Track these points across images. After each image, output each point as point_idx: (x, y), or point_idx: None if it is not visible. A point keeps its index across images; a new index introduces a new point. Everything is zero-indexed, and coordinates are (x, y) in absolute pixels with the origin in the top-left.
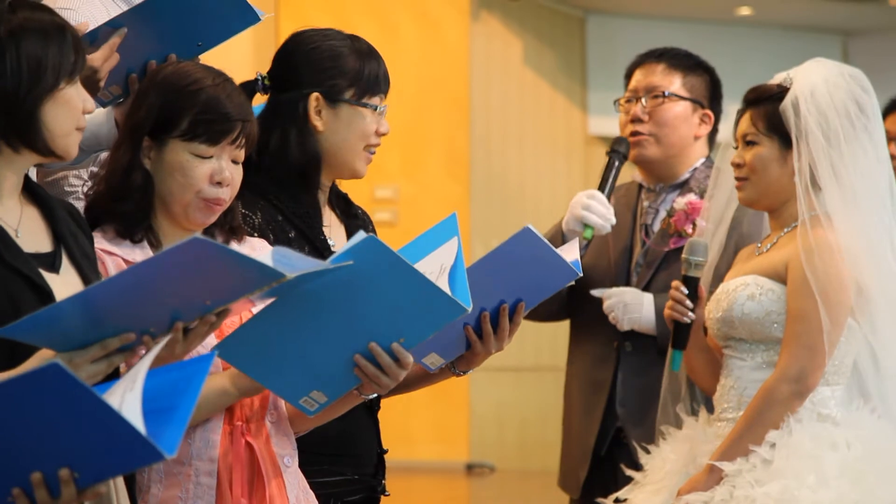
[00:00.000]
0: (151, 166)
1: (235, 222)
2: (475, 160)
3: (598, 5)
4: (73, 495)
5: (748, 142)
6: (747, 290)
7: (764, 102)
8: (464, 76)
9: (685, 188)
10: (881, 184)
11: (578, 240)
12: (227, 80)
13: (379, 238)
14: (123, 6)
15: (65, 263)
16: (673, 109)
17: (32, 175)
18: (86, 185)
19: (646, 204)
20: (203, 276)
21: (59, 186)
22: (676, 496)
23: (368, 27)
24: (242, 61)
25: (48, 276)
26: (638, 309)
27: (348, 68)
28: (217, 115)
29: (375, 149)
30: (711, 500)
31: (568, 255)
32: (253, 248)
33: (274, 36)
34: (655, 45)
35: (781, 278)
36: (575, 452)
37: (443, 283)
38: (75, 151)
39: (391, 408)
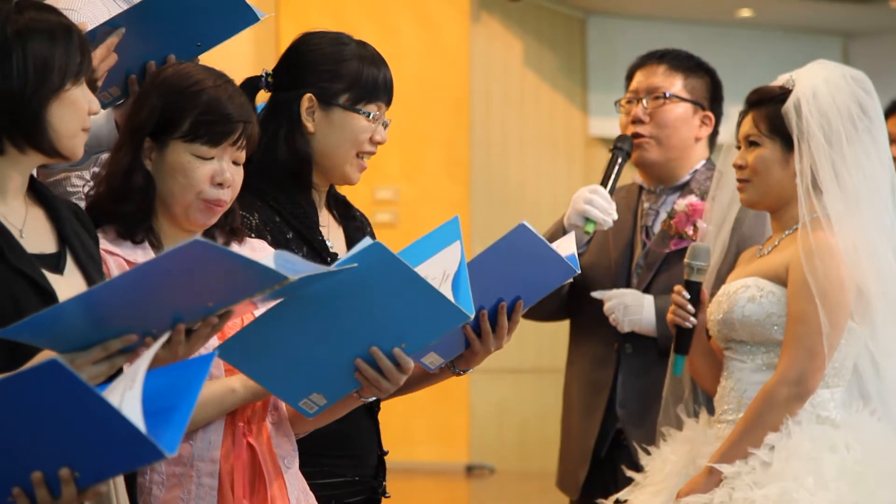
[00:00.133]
0: (152, 167)
1: (236, 223)
2: (475, 161)
3: (599, 7)
4: (74, 495)
5: (751, 143)
6: (748, 293)
7: (766, 104)
8: (464, 77)
9: (686, 190)
10: (883, 186)
11: (580, 234)
12: (229, 82)
13: (384, 245)
14: (124, 6)
15: (69, 265)
16: (674, 111)
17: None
18: (87, 186)
19: (646, 205)
20: (205, 278)
21: (62, 187)
22: (676, 498)
23: (369, 28)
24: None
25: (52, 278)
26: (638, 311)
27: (346, 72)
28: (218, 117)
29: (368, 157)
30: (710, 503)
31: (564, 250)
32: (253, 250)
33: (274, 37)
34: (656, 47)
35: (782, 280)
36: (574, 453)
37: (446, 289)
38: (81, 152)
39: (391, 409)
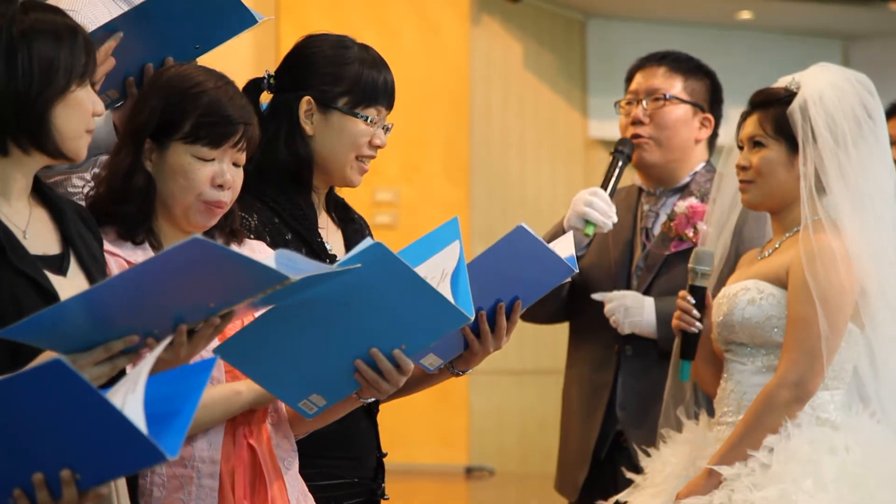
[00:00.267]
0: (153, 168)
1: (235, 225)
2: (475, 163)
3: (599, 9)
4: (75, 497)
5: (755, 143)
6: (748, 295)
7: (772, 105)
8: (464, 79)
9: (686, 192)
10: (888, 188)
11: (580, 237)
12: (230, 83)
13: (385, 245)
14: (125, 7)
15: (72, 266)
16: (674, 112)
17: None
18: (87, 187)
19: (646, 207)
20: (205, 278)
21: (62, 188)
22: (675, 499)
23: (369, 31)
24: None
25: (55, 279)
26: (639, 312)
27: (346, 76)
28: (219, 118)
29: (369, 160)
30: None
31: (562, 251)
32: (252, 251)
33: (274, 39)
34: (656, 49)
35: (782, 283)
36: (573, 456)
37: (444, 289)
38: (84, 154)
39: (390, 411)
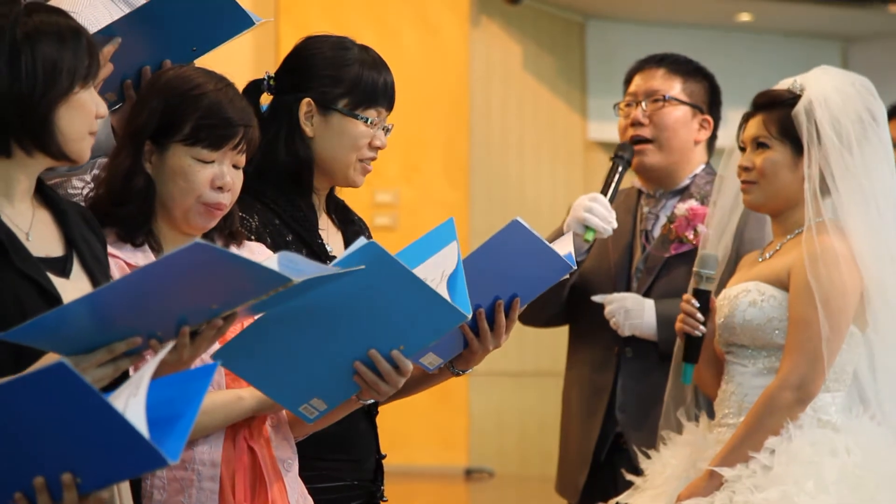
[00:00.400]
0: (153, 170)
1: (234, 227)
2: (475, 165)
3: (598, 11)
4: (75, 500)
5: (759, 144)
6: (749, 297)
7: (777, 107)
8: (463, 81)
9: (686, 194)
10: (892, 189)
11: (580, 242)
12: (230, 85)
13: (379, 244)
14: (126, 8)
15: (76, 268)
16: (673, 113)
17: None
18: (87, 188)
19: (646, 210)
20: (208, 281)
21: (62, 189)
22: (676, 501)
23: (368, 32)
24: (243, 65)
25: (58, 281)
26: (639, 314)
27: (346, 77)
28: (219, 121)
29: (370, 161)
30: None
31: (561, 249)
32: (252, 252)
33: (274, 41)
34: (655, 51)
35: (784, 285)
36: (574, 458)
37: (443, 291)
38: (87, 155)
39: (390, 412)
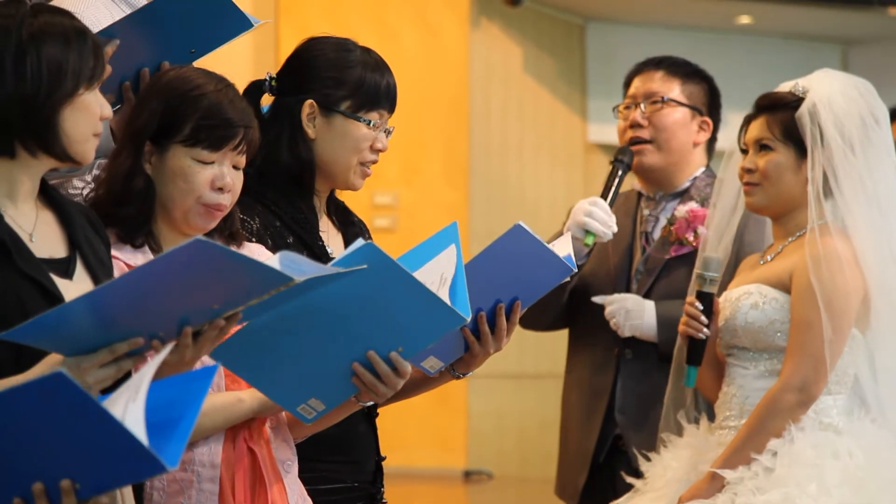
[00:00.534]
0: (152, 171)
1: (234, 227)
2: (475, 167)
3: (598, 13)
4: None
5: (762, 146)
6: (750, 299)
7: (780, 109)
8: (463, 83)
9: (686, 196)
10: (895, 191)
11: (580, 247)
12: (230, 86)
13: (377, 245)
14: (126, 9)
15: (79, 270)
16: (672, 115)
17: None
18: (87, 188)
19: (646, 212)
20: (209, 280)
21: (63, 189)
22: (677, 503)
23: (368, 33)
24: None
25: (61, 283)
26: (639, 315)
27: (349, 79)
28: (219, 121)
29: (371, 164)
30: None
31: (560, 251)
32: (252, 254)
33: (274, 42)
34: (655, 53)
35: (786, 287)
36: (573, 460)
37: (444, 294)
38: (92, 157)
39: (389, 414)
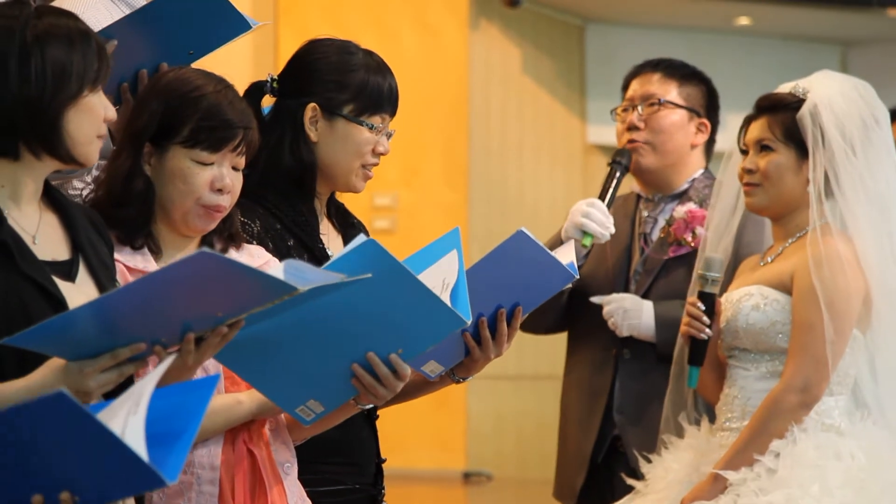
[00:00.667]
0: (152, 172)
1: (234, 229)
2: (474, 168)
3: (598, 14)
4: None
5: (763, 147)
6: (752, 301)
7: (781, 110)
8: (463, 84)
9: (684, 198)
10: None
11: (578, 248)
12: (229, 87)
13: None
14: (126, 10)
15: (82, 272)
16: (669, 117)
17: None
18: (87, 189)
19: (644, 214)
20: (214, 289)
21: (63, 190)
22: None
23: (368, 35)
24: (242, 67)
25: (63, 285)
26: (637, 315)
27: (352, 83)
28: (219, 122)
29: (372, 167)
30: None
31: (563, 258)
32: (252, 256)
33: (273, 43)
34: (654, 55)
35: (787, 288)
36: (571, 461)
37: (444, 297)
38: (95, 159)
39: (389, 416)
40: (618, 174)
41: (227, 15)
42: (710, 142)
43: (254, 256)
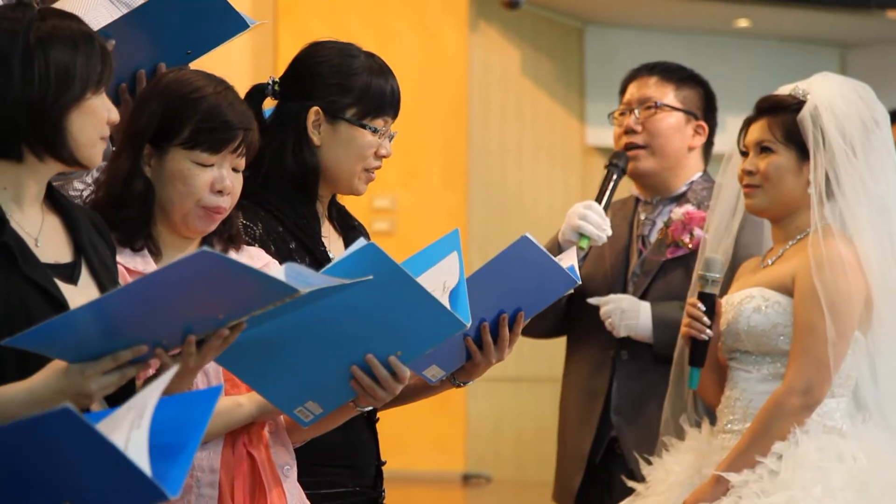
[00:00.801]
0: (152, 174)
1: (234, 230)
2: (473, 170)
3: (597, 16)
4: None
5: (763, 148)
6: (753, 303)
7: (781, 112)
8: (462, 86)
9: (682, 200)
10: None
11: (576, 249)
12: (229, 88)
13: (378, 245)
14: (125, 10)
15: (84, 275)
16: (666, 120)
17: None
18: (88, 190)
19: (643, 216)
20: (215, 290)
21: (64, 191)
22: None
23: (367, 36)
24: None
25: (65, 288)
26: (634, 316)
27: (354, 86)
28: (219, 124)
29: (375, 170)
30: None
31: (564, 263)
32: (251, 258)
33: (272, 45)
34: (653, 57)
35: (788, 291)
36: (569, 462)
37: (444, 300)
38: (98, 161)
39: (388, 418)
40: (615, 177)
41: (225, 14)
42: (708, 144)
43: (253, 258)
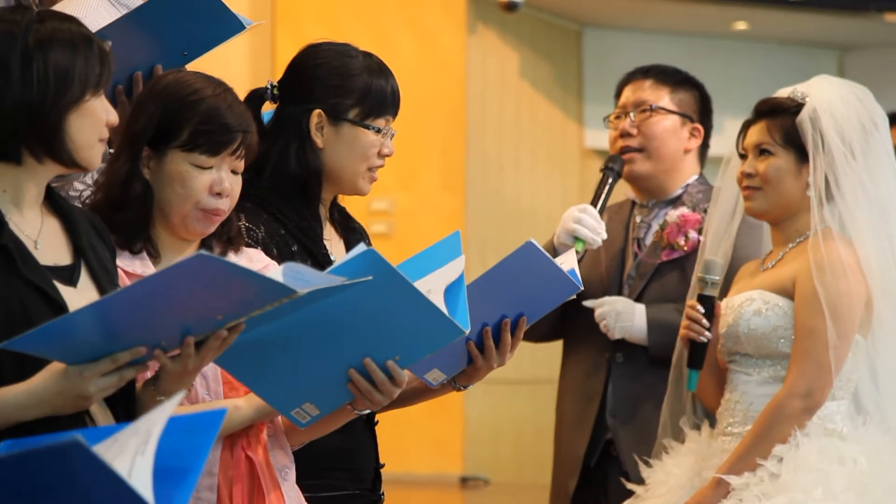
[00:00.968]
0: (150, 176)
1: (233, 232)
2: (471, 172)
3: (595, 19)
4: None
5: (762, 151)
6: (753, 306)
7: (780, 114)
8: (460, 89)
9: (678, 203)
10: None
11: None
12: (228, 90)
13: (377, 252)
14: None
15: (83, 277)
16: (661, 123)
17: None
18: (88, 190)
19: (638, 219)
20: (213, 292)
21: (64, 192)
22: None
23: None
24: (239, 72)
25: (65, 290)
26: (629, 318)
27: (355, 87)
28: (217, 126)
29: (378, 169)
30: None
31: (567, 266)
32: (251, 260)
33: (270, 46)
34: (652, 59)
35: (789, 293)
36: (565, 465)
37: (438, 302)
38: (98, 163)
39: (386, 421)
40: (610, 180)
41: (221, 15)
42: (704, 147)
43: (253, 260)
